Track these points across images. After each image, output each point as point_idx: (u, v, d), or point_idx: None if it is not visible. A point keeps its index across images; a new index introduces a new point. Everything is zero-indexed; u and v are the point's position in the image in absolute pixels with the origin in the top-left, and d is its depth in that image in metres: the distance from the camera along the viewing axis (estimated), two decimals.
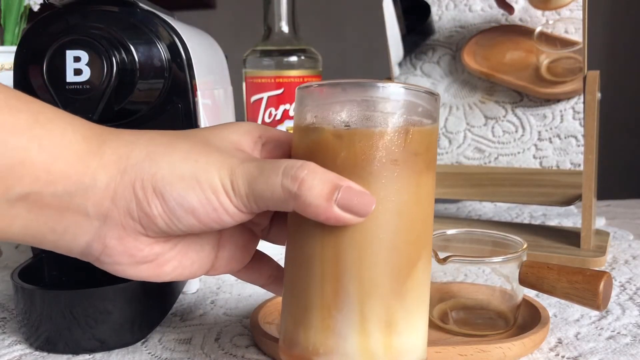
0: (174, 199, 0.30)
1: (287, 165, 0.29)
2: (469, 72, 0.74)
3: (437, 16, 0.76)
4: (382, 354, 0.30)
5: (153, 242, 0.31)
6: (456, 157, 0.74)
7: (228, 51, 0.66)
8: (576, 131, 0.69)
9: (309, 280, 0.31)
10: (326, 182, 0.29)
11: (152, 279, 0.33)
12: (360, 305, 0.30)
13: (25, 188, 0.29)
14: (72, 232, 0.30)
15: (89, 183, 0.30)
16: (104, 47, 0.42)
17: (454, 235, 0.45)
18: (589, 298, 0.38)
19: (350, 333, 0.30)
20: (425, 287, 0.32)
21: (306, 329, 0.31)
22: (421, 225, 0.31)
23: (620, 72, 1.97)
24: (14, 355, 0.41)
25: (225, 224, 0.31)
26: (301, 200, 0.29)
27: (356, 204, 0.29)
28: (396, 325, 0.30)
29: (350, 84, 0.31)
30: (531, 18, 0.72)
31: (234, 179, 0.30)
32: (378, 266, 0.30)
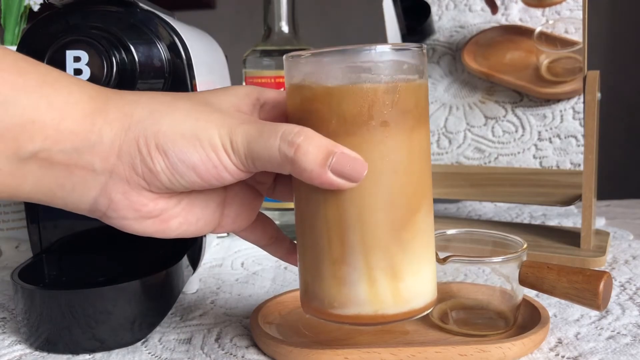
0: (175, 155, 0.31)
1: (285, 130, 0.30)
2: (469, 72, 0.74)
3: (437, 16, 0.76)
4: (391, 300, 0.33)
5: (157, 198, 0.33)
6: (456, 157, 0.74)
7: (228, 51, 0.66)
8: (576, 131, 0.69)
9: (317, 238, 0.34)
10: (321, 148, 0.30)
11: (158, 235, 0.34)
12: (366, 257, 0.32)
13: (36, 146, 0.30)
14: (80, 188, 0.32)
15: (95, 140, 0.31)
16: (104, 47, 0.42)
17: (454, 235, 0.45)
18: (589, 298, 0.38)
19: (359, 283, 0.33)
20: (428, 234, 0.34)
21: (321, 283, 0.34)
22: (417, 178, 0.33)
23: (620, 72, 1.97)
24: (14, 355, 0.41)
25: (226, 181, 0.32)
26: (297, 165, 0.30)
27: (349, 170, 0.31)
28: (401, 272, 0.33)
29: (336, 51, 0.32)
30: (531, 18, 0.72)
31: (233, 138, 0.31)
32: (378, 220, 0.32)
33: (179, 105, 0.32)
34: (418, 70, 0.33)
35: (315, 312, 0.35)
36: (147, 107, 0.32)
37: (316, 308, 0.35)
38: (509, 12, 0.73)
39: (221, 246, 0.66)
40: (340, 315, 0.34)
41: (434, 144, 0.75)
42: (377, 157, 0.32)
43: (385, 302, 0.33)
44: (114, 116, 0.31)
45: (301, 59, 0.33)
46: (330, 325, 0.43)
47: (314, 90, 0.32)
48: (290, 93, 0.34)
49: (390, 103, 0.32)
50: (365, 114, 0.31)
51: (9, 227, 0.68)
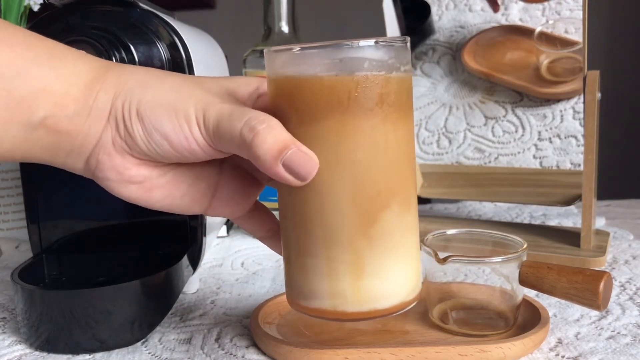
0: (151, 122, 0.33)
1: (252, 116, 0.31)
2: (469, 72, 0.74)
3: (437, 16, 0.76)
4: (349, 296, 0.32)
5: (140, 164, 0.34)
6: (456, 157, 0.74)
7: (228, 51, 0.66)
8: (576, 131, 0.69)
9: (287, 229, 0.34)
10: (278, 140, 0.31)
11: (141, 202, 0.35)
12: (326, 250, 0.32)
13: (46, 112, 0.33)
14: (76, 151, 0.34)
15: (93, 104, 0.33)
16: (104, 47, 0.42)
17: (454, 235, 0.45)
18: (589, 298, 0.38)
19: (320, 276, 0.33)
20: (401, 234, 0.33)
21: (291, 273, 0.35)
22: (385, 174, 0.32)
23: (620, 72, 1.97)
24: (14, 355, 0.41)
25: (198, 155, 0.33)
26: (252, 151, 0.31)
27: (297, 167, 0.31)
28: (363, 269, 0.32)
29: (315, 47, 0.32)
30: (531, 18, 0.72)
31: (207, 114, 0.32)
32: (340, 213, 0.32)
33: (169, 79, 0.34)
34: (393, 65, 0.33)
35: (289, 301, 0.36)
36: (141, 78, 0.34)
37: (289, 298, 0.36)
38: (509, 12, 0.73)
39: (221, 246, 0.66)
40: (304, 306, 0.34)
41: (434, 144, 0.75)
42: (339, 150, 0.32)
43: (344, 298, 0.33)
44: (110, 82, 0.34)
45: (274, 52, 0.34)
46: (331, 325, 0.43)
47: (283, 82, 0.33)
48: (268, 85, 0.35)
49: (353, 95, 0.31)
50: (331, 105, 0.31)
51: (9, 227, 0.68)
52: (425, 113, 0.76)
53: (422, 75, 0.77)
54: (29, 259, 0.47)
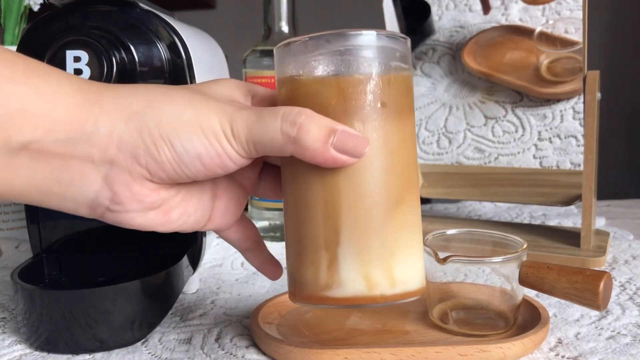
0: (181, 144, 0.31)
1: (286, 112, 0.31)
2: (469, 72, 0.74)
3: (437, 16, 0.76)
4: (385, 283, 0.33)
5: (158, 188, 0.33)
6: (456, 157, 0.74)
7: (228, 51, 0.66)
8: (576, 131, 0.69)
9: (311, 222, 0.34)
10: (323, 126, 0.31)
11: (160, 228, 0.34)
12: (359, 239, 0.33)
13: (26, 136, 0.29)
14: (78, 182, 0.31)
15: (91, 130, 0.30)
16: (104, 47, 0.42)
17: (454, 235, 0.45)
18: (589, 298, 0.38)
19: (353, 266, 0.33)
20: (417, 221, 0.35)
21: (314, 268, 0.34)
22: (409, 163, 0.34)
23: (620, 72, 1.97)
24: (14, 355, 0.41)
25: (229, 169, 0.32)
26: (299, 144, 0.30)
27: (351, 146, 0.31)
28: (392, 255, 0.33)
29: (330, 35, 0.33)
30: (531, 18, 0.72)
31: (233, 124, 0.31)
32: (374, 202, 0.33)
33: (177, 95, 0.32)
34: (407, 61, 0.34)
35: (308, 299, 0.34)
36: (145, 98, 0.31)
37: (309, 295, 0.34)
38: (509, 12, 0.73)
39: (221, 246, 0.66)
40: (335, 298, 0.33)
41: (434, 144, 0.75)
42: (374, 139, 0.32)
43: (379, 285, 0.33)
44: (109, 107, 0.31)
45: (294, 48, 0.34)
46: (331, 325, 0.43)
47: (298, 82, 0.33)
48: (278, 86, 0.35)
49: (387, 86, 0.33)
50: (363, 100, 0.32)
51: (9, 227, 0.68)
52: (425, 113, 0.76)
53: (422, 75, 0.77)
54: (29, 259, 0.47)
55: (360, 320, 0.44)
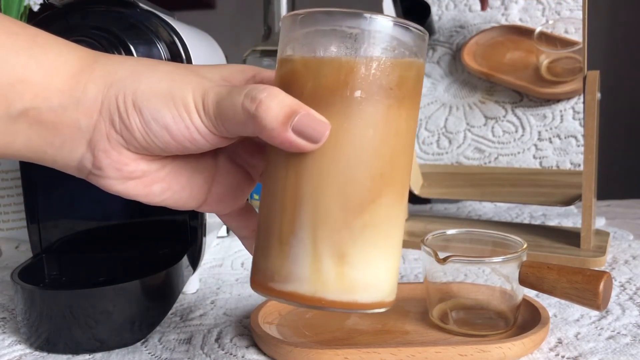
0: (150, 113, 0.31)
1: (251, 88, 0.30)
2: (469, 72, 0.74)
3: (437, 16, 0.76)
4: (333, 282, 0.31)
5: (138, 158, 0.33)
6: (456, 157, 0.74)
7: (228, 51, 0.66)
8: (576, 131, 0.69)
9: (272, 208, 0.32)
10: (284, 105, 0.29)
11: (141, 198, 0.34)
12: (314, 232, 0.31)
13: (25, 104, 0.31)
14: (68, 145, 0.32)
15: (80, 96, 0.31)
16: (104, 47, 0.42)
17: (454, 235, 0.45)
18: (589, 298, 0.38)
19: (303, 258, 0.31)
20: (390, 227, 0.32)
21: (266, 255, 0.32)
22: (387, 162, 0.31)
23: (620, 72, 1.97)
24: (14, 355, 0.41)
25: (200, 145, 0.32)
26: (258, 121, 0.29)
27: (310, 130, 0.29)
28: (349, 257, 0.31)
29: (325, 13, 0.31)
30: (531, 18, 0.72)
31: (205, 98, 0.31)
32: (333, 195, 0.30)
33: (160, 67, 0.33)
34: (410, 50, 0.31)
35: (257, 286, 0.33)
36: (131, 67, 0.32)
37: (258, 281, 0.33)
38: (509, 12, 0.73)
39: (221, 246, 0.66)
40: (279, 290, 0.31)
41: (434, 144, 0.75)
42: (342, 129, 0.30)
43: (326, 285, 0.31)
44: (99, 74, 0.32)
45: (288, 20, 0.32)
46: (331, 325, 0.43)
47: (293, 61, 0.32)
48: (277, 67, 0.33)
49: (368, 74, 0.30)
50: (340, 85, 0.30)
51: (9, 227, 0.68)
52: (425, 113, 0.76)
53: None
54: (29, 259, 0.47)
55: (361, 320, 0.44)
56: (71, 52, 0.32)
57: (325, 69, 0.30)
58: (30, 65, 0.31)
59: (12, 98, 0.30)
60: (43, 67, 0.31)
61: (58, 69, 0.31)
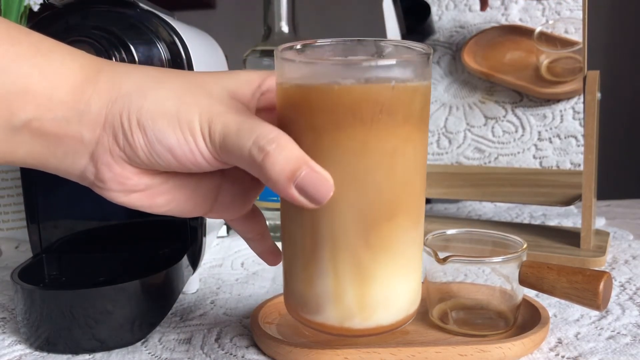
0: (154, 133, 0.30)
1: (260, 134, 0.29)
2: (469, 72, 0.74)
3: (437, 16, 0.76)
4: (356, 310, 0.32)
5: (140, 173, 0.32)
6: (456, 157, 0.74)
7: (228, 51, 0.66)
8: (576, 131, 0.69)
9: (293, 235, 0.33)
10: (290, 160, 0.29)
11: (145, 209, 0.34)
12: (332, 256, 0.32)
13: (28, 114, 0.30)
14: (70, 157, 0.32)
15: (84, 109, 0.31)
16: (104, 47, 0.42)
17: (454, 235, 0.45)
18: (589, 298, 0.38)
19: (326, 287, 0.32)
20: (405, 245, 0.32)
21: (294, 279, 0.33)
22: (404, 191, 0.32)
23: (620, 72, 1.97)
24: (14, 355, 0.41)
25: (203, 167, 0.32)
26: (263, 172, 0.29)
27: (313, 191, 0.29)
28: (367, 277, 0.32)
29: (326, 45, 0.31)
30: (531, 18, 0.72)
31: (212, 126, 0.30)
32: (347, 222, 0.31)
33: (169, 82, 0.32)
34: (414, 72, 0.31)
35: (292, 312, 0.35)
36: (137, 81, 0.32)
37: (292, 306, 0.34)
38: (509, 12, 0.73)
39: (221, 246, 0.66)
40: (310, 320, 0.33)
41: (434, 144, 0.75)
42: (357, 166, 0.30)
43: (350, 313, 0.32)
44: (103, 86, 0.31)
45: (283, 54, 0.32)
46: None
47: (295, 89, 0.31)
48: (277, 91, 0.34)
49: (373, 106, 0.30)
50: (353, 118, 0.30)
51: (9, 227, 0.68)
52: None
53: None
54: (29, 259, 0.47)
55: None
56: (75, 61, 0.32)
57: (326, 102, 0.30)
58: (33, 75, 0.30)
59: (15, 108, 0.30)
60: (46, 77, 0.31)
61: (61, 79, 0.31)
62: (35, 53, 0.31)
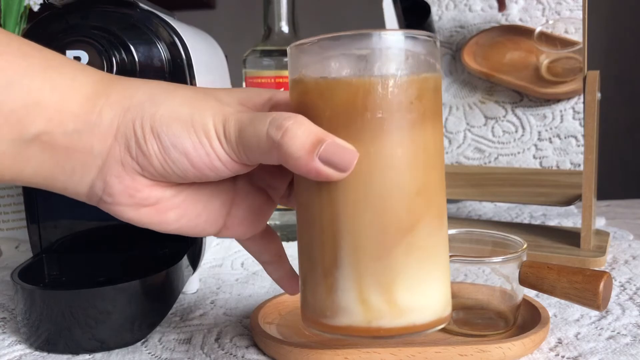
0: (168, 139, 0.30)
1: (276, 115, 0.29)
2: (469, 72, 0.74)
3: (437, 16, 0.76)
4: (386, 310, 0.30)
5: (152, 185, 0.32)
6: (456, 157, 0.74)
7: (228, 51, 0.66)
8: (576, 131, 0.69)
9: (312, 241, 0.32)
10: (310, 134, 0.29)
11: (154, 226, 0.33)
12: (357, 263, 0.30)
13: (39, 128, 0.30)
14: (79, 171, 0.31)
15: (95, 121, 0.31)
16: (104, 47, 0.42)
17: (454, 235, 0.45)
18: (589, 298, 0.38)
19: (350, 290, 0.30)
20: (433, 246, 0.31)
21: (313, 291, 0.32)
22: (420, 180, 0.30)
23: (620, 72, 1.97)
24: (14, 355, 0.41)
25: (220, 172, 0.31)
26: (283, 150, 0.29)
27: (338, 158, 0.29)
28: (397, 283, 0.30)
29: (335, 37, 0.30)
30: (531, 18, 0.72)
31: (226, 125, 0.30)
32: (372, 223, 0.30)
33: (179, 92, 0.32)
34: (426, 62, 0.31)
35: (310, 323, 0.33)
36: (149, 91, 0.32)
37: (310, 317, 0.32)
38: (509, 12, 0.73)
39: (221, 246, 0.66)
40: (333, 326, 0.31)
41: None
42: (369, 153, 0.29)
43: (379, 313, 0.30)
44: (115, 98, 0.31)
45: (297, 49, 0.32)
46: None
47: (308, 84, 0.31)
48: (290, 88, 0.33)
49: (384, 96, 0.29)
50: (359, 108, 0.29)
51: (9, 227, 0.68)
52: None
53: None
54: (29, 259, 0.47)
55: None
56: (87, 76, 0.32)
57: (340, 94, 0.30)
58: (45, 88, 0.30)
59: (26, 122, 0.30)
60: (58, 90, 0.30)
61: (73, 92, 0.31)
62: (46, 67, 0.31)
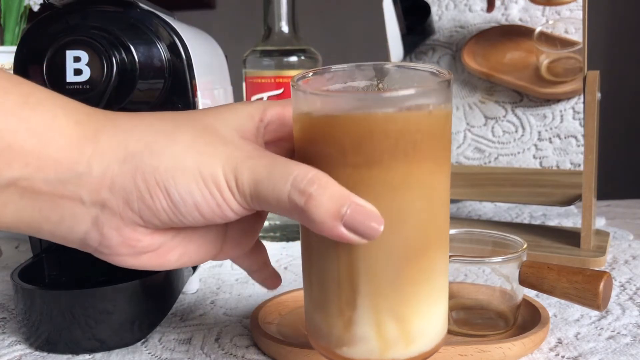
0: (178, 193, 0.29)
1: (297, 176, 0.28)
2: (469, 72, 0.74)
3: (437, 16, 0.76)
4: (399, 342, 0.31)
5: (152, 233, 0.31)
6: (456, 157, 0.74)
7: (228, 51, 0.66)
8: (576, 131, 0.69)
9: (328, 284, 0.32)
10: (335, 199, 0.27)
11: (157, 268, 0.32)
12: (374, 303, 0.31)
13: (14, 173, 0.28)
14: (68, 221, 0.29)
15: (83, 171, 0.29)
16: (104, 47, 0.42)
17: (454, 235, 0.45)
18: (589, 298, 0.38)
19: (367, 326, 0.31)
20: (440, 276, 0.32)
21: (328, 322, 0.33)
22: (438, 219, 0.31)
23: (620, 72, 1.97)
24: (14, 355, 0.41)
25: (229, 219, 0.30)
26: (307, 216, 0.28)
27: (363, 227, 0.28)
28: (409, 315, 0.31)
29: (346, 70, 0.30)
30: (531, 18, 0.72)
31: (238, 175, 0.29)
32: (388, 269, 0.30)
33: (180, 136, 0.30)
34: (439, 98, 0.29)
35: (325, 352, 0.33)
36: (144, 138, 0.29)
37: (325, 347, 0.33)
38: (509, 12, 0.73)
39: None
40: (349, 358, 0.32)
41: None
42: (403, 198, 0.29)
43: (394, 345, 0.31)
44: (105, 145, 0.29)
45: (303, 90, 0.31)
46: None
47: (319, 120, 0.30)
48: (296, 120, 0.32)
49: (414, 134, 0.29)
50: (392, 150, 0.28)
51: None
52: None
53: None
54: (29, 259, 0.47)
55: None
56: (68, 116, 0.29)
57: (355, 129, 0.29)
58: (20, 130, 0.27)
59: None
60: (35, 132, 0.28)
61: (53, 135, 0.28)
62: (22, 105, 0.28)
